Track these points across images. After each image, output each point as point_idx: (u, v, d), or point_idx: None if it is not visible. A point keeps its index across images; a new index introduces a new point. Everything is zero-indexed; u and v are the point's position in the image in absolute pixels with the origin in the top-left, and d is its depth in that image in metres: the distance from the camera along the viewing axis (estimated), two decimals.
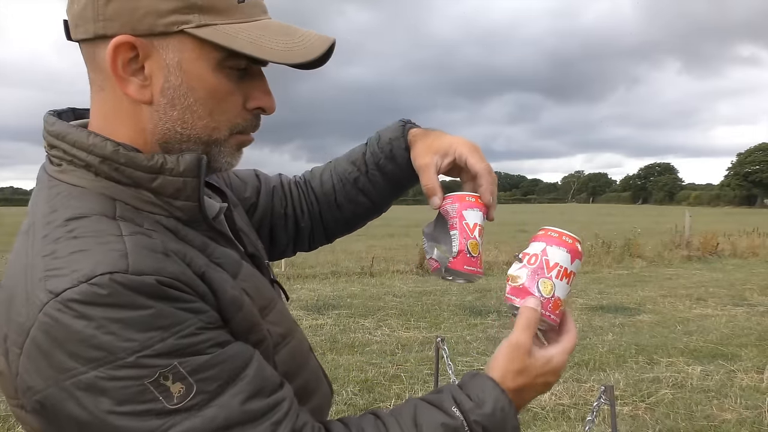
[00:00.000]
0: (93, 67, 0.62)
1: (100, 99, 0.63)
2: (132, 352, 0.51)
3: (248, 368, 0.58)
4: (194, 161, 0.62)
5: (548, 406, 3.76)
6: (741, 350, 5.05)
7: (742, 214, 44.28)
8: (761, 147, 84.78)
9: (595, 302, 7.32)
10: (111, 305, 0.52)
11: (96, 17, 0.58)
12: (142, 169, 0.60)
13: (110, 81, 0.61)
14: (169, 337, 0.53)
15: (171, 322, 0.54)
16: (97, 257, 0.54)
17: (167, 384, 0.52)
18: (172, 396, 0.52)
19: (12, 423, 3.44)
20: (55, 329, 0.51)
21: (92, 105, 0.65)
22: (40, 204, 0.61)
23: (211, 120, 0.64)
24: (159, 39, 0.59)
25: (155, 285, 0.54)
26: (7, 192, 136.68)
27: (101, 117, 0.64)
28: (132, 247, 0.55)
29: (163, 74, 0.61)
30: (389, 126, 0.94)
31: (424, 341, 5.30)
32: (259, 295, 0.68)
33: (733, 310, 6.87)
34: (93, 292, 0.51)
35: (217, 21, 0.60)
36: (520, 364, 0.70)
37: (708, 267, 10.82)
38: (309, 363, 0.76)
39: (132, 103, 0.62)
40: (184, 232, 0.64)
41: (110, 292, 0.52)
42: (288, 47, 0.62)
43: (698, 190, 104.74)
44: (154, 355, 0.52)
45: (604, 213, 43.93)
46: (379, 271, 9.64)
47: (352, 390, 4.01)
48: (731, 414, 3.64)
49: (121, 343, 0.51)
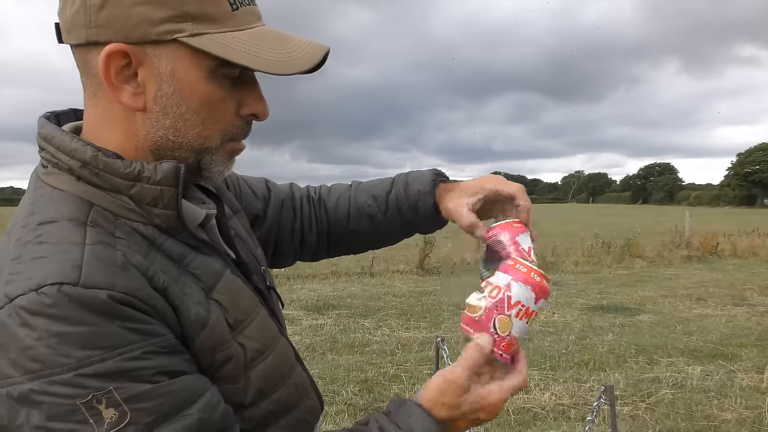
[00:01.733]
0: (85, 73, 0.62)
1: (92, 104, 0.63)
2: (68, 368, 0.50)
3: (193, 406, 0.55)
4: (171, 170, 0.60)
5: (548, 406, 3.76)
6: (741, 350, 5.05)
7: (742, 214, 44.26)
8: (761, 147, 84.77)
9: (595, 302, 7.32)
10: (54, 317, 0.50)
11: (88, 23, 0.58)
12: (120, 176, 0.60)
13: (103, 87, 0.61)
14: (109, 359, 0.51)
15: (115, 342, 0.52)
16: (51, 266, 0.53)
17: (100, 408, 0.50)
18: (103, 421, 0.50)
19: None
20: (2, 334, 0.51)
21: (85, 109, 0.65)
22: (23, 206, 0.62)
23: (204, 128, 0.63)
24: (152, 47, 0.59)
25: (105, 300, 0.52)
26: (7, 192, 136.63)
27: (93, 122, 0.64)
28: (89, 259, 0.54)
29: (156, 82, 0.60)
30: (421, 174, 0.94)
31: (424, 341, 5.30)
32: (235, 308, 0.65)
33: (733, 310, 6.86)
34: (39, 302, 0.51)
35: (210, 30, 0.59)
36: (452, 399, 0.69)
37: (708, 267, 10.82)
38: (291, 377, 0.74)
39: (124, 109, 0.61)
40: (161, 240, 0.62)
41: (55, 302, 0.51)
42: (282, 57, 0.62)
43: (698, 190, 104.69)
44: (90, 375, 0.50)
45: (604, 213, 43.91)
46: (379, 271, 9.64)
47: (352, 390, 4.01)
48: (731, 414, 3.64)
49: (57, 358, 0.50)
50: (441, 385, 0.70)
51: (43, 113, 0.66)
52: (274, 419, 0.68)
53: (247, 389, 0.65)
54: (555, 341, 5.34)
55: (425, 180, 0.93)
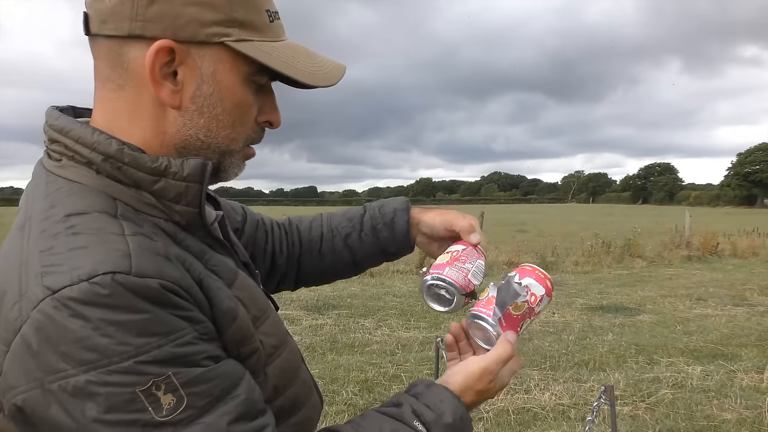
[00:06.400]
0: (115, 65, 0.60)
1: (114, 97, 0.62)
2: (128, 356, 0.49)
3: (239, 388, 0.56)
4: (198, 167, 0.61)
5: (548, 406, 3.76)
6: (741, 350, 5.05)
7: (742, 214, 44.27)
8: (761, 147, 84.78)
9: (595, 302, 7.32)
10: (110, 306, 0.50)
11: (134, 16, 0.57)
12: (145, 171, 0.59)
13: (134, 80, 0.60)
14: (165, 345, 0.51)
15: (169, 329, 0.52)
16: (99, 256, 0.52)
17: (158, 394, 0.50)
18: (161, 407, 0.50)
19: None
20: (49, 328, 0.49)
21: (101, 102, 0.63)
22: (36, 199, 0.60)
23: (233, 131, 0.65)
24: (196, 47, 0.60)
25: (158, 289, 0.52)
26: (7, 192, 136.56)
27: (112, 115, 0.62)
28: (135, 248, 0.54)
29: (196, 82, 0.61)
30: (393, 198, 1.01)
31: (424, 341, 5.29)
32: (253, 305, 0.66)
33: (733, 310, 6.86)
34: (93, 292, 0.49)
35: (253, 37, 0.62)
36: (484, 385, 0.75)
37: (708, 267, 10.82)
38: (300, 374, 0.75)
39: (156, 105, 0.61)
40: (181, 236, 0.63)
41: (111, 292, 0.50)
42: (313, 70, 0.66)
43: (698, 190, 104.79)
44: (149, 361, 0.50)
45: (604, 213, 43.90)
46: (379, 271, 9.63)
47: (352, 390, 4.01)
48: (731, 414, 3.64)
49: (116, 347, 0.49)
50: (477, 373, 0.75)
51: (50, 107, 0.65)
52: (285, 416, 0.69)
53: (265, 385, 0.65)
54: (555, 341, 5.34)
55: (400, 200, 0.99)
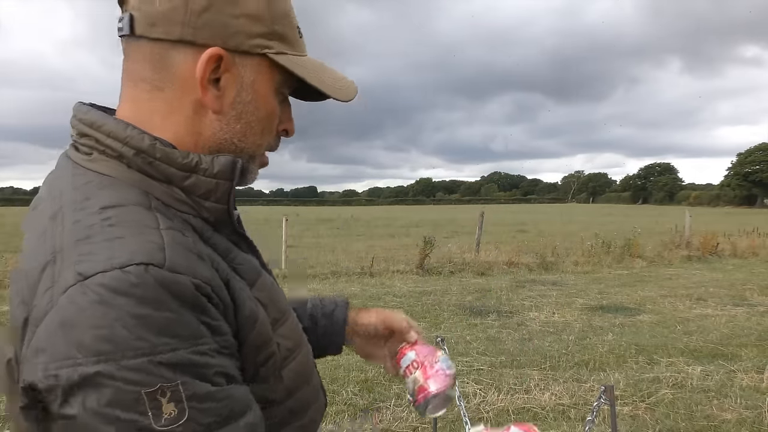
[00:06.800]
0: (157, 67, 0.62)
1: (151, 97, 0.63)
2: (142, 353, 0.47)
3: (245, 416, 0.54)
4: (229, 164, 0.62)
5: (548, 406, 3.76)
6: (741, 350, 5.05)
7: (742, 214, 44.26)
8: (761, 147, 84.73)
9: (595, 302, 7.32)
10: (136, 298, 0.48)
11: (186, 22, 0.59)
12: (176, 166, 0.60)
13: (177, 83, 0.62)
14: (181, 349, 0.49)
15: (189, 333, 0.50)
16: (134, 246, 0.51)
17: (162, 401, 0.47)
18: (161, 416, 0.47)
19: None
20: (71, 312, 0.48)
21: (132, 101, 0.64)
22: (67, 191, 0.60)
23: (260, 138, 0.68)
24: (240, 56, 0.62)
25: (189, 287, 0.51)
26: (7, 192, 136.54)
27: (146, 114, 0.63)
28: (170, 242, 0.53)
29: (236, 89, 0.63)
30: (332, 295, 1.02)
31: None
32: (273, 307, 0.65)
33: (733, 310, 6.87)
34: (124, 280, 0.48)
35: (288, 51, 0.65)
36: None
37: (708, 267, 10.83)
38: (312, 377, 0.74)
39: (195, 108, 0.63)
40: (209, 234, 0.63)
41: (140, 282, 0.49)
42: (336, 86, 0.69)
43: (698, 190, 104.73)
44: (162, 363, 0.48)
45: (604, 213, 43.91)
46: (379, 271, 9.64)
47: (352, 390, 4.01)
48: (731, 414, 3.64)
49: (133, 341, 0.47)
50: None
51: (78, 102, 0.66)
52: (293, 419, 0.69)
53: (278, 387, 0.65)
54: (555, 341, 5.35)
55: (339, 296, 1.01)
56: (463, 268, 10.02)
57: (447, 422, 3.45)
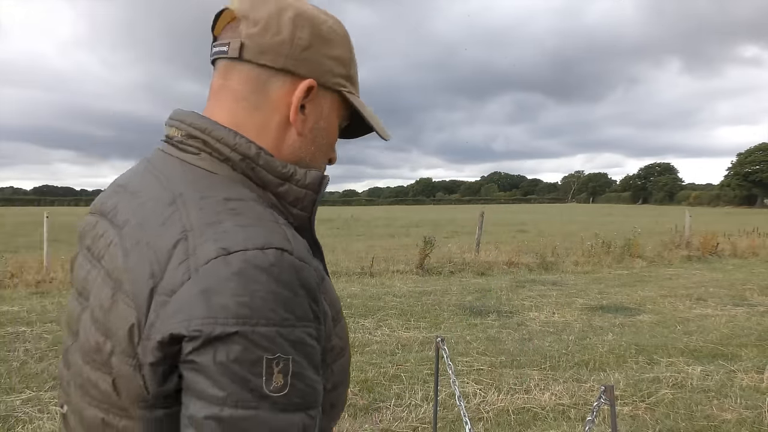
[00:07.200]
0: (257, 89, 0.71)
1: (248, 114, 0.72)
2: (272, 323, 0.54)
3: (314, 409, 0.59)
4: (318, 178, 0.71)
5: (548, 406, 3.76)
6: (741, 350, 5.05)
7: (742, 214, 44.28)
8: (761, 147, 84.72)
9: (595, 302, 7.32)
10: (273, 276, 0.56)
11: (289, 55, 0.70)
12: (275, 174, 0.69)
13: (272, 104, 0.71)
14: (298, 328, 0.56)
15: (304, 315, 0.57)
16: (267, 233, 0.59)
17: (275, 369, 0.54)
18: (271, 382, 0.54)
19: (12, 423, 3.43)
20: (214, 281, 0.55)
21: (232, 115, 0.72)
22: (178, 182, 0.66)
23: (323, 161, 0.78)
24: (324, 90, 0.73)
25: (312, 276, 0.59)
26: (7, 192, 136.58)
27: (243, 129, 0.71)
28: (291, 236, 0.61)
29: (315, 116, 0.74)
30: None
31: (424, 341, 5.30)
32: (333, 308, 0.69)
33: (733, 310, 6.87)
34: (265, 259, 0.56)
35: (354, 91, 0.78)
36: None
37: (708, 267, 10.83)
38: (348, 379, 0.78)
39: (282, 127, 0.72)
40: None
41: (276, 263, 0.56)
42: (381, 126, 0.81)
43: (698, 190, 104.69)
44: (284, 336, 0.55)
45: (604, 213, 43.93)
46: (379, 271, 9.64)
47: (352, 390, 4.01)
48: (731, 414, 3.64)
49: (267, 312, 0.54)
50: None
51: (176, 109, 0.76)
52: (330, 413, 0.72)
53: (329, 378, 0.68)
54: (555, 341, 5.35)
55: None
56: (463, 268, 10.03)
57: (447, 422, 3.46)
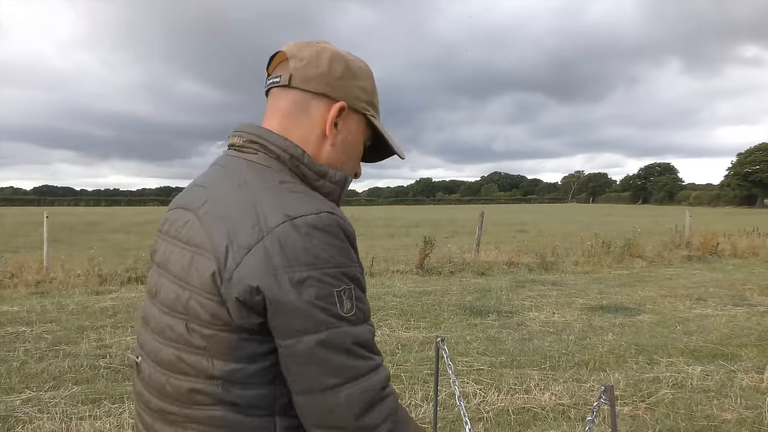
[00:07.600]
0: (302, 109, 0.91)
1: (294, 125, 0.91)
2: (335, 265, 0.76)
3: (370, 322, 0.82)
4: (344, 177, 0.92)
5: (548, 406, 3.76)
6: (741, 350, 5.05)
7: (742, 214, 44.29)
8: (761, 147, 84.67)
9: (595, 302, 7.32)
10: (327, 231, 0.77)
11: (329, 83, 0.91)
12: (314, 171, 0.88)
13: (312, 121, 0.91)
14: (352, 267, 0.79)
15: (353, 259, 0.80)
16: (318, 202, 0.80)
17: (344, 297, 0.76)
18: (344, 306, 0.76)
19: (12, 423, 3.43)
20: (286, 239, 0.75)
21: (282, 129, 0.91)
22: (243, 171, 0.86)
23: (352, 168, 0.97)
24: (352, 112, 0.94)
25: (354, 233, 0.81)
26: (7, 192, 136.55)
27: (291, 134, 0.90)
28: (333, 205, 0.82)
29: (345, 132, 0.94)
30: None
31: (424, 341, 5.30)
32: None
33: (733, 310, 6.87)
34: (320, 220, 0.77)
35: (376, 116, 0.98)
36: None
37: (708, 267, 10.83)
38: None
39: (321, 138, 0.92)
40: None
41: (329, 223, 0.77)
42: (398, 145, 1.01)
43: (698, 190, 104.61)
44: (344, 273, 0.77)
45: (604, 213, 43.93)
46: (379, 271, 9.64)
47: None
48: (731, 414, 3.63)
49: (330, 259, 0.76)
50: None
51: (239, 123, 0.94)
52: None
53: None
54: (555, 341, 5.35)
55: None
56: (463, 268, 10.03)
57: (447, 422, 3.45)
